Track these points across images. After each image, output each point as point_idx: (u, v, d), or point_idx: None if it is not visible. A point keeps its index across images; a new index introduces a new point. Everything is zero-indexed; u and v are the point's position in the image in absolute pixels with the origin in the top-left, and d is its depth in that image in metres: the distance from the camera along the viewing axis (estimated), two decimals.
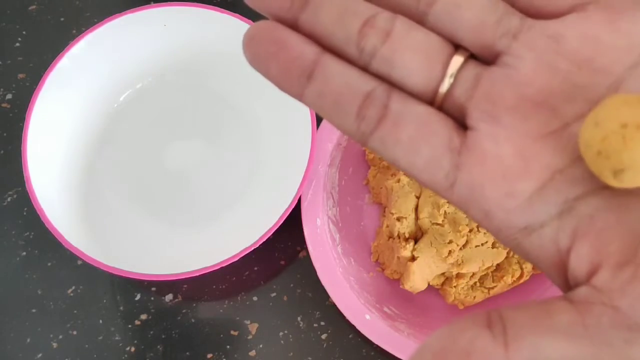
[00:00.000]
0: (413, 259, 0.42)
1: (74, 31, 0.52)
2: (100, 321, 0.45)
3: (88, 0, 0.53)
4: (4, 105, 0.50)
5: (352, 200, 0.47)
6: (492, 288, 0.43)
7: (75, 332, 0.45)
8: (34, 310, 0.45)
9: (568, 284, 0.17)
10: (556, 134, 0.17)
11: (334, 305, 0.42)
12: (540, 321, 0.16)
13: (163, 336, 0.45)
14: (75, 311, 0.45)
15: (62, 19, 0.52)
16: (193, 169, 0.48)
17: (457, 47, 0.18)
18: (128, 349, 0.44)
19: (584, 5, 0.17)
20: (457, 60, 0.18)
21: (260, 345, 0.44)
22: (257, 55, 0.18)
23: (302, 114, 0.44)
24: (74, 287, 0.46)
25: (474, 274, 0.43)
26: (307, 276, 0.45)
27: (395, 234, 0.43)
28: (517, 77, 0.17)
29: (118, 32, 0.45)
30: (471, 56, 0.18)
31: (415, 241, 0.43)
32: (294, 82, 0.18)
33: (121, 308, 0.45)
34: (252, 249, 0.41)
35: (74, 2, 0.53)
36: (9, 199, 0.48)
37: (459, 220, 0.41)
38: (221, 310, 0.45)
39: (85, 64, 0.46)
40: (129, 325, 0.45)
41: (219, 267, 0.40)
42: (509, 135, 0.17)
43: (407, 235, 0.43)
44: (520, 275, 0.42)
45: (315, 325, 0.45)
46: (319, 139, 0.44)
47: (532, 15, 0.18)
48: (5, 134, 0.50)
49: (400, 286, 0.43)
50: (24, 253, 0.47)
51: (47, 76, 0.44)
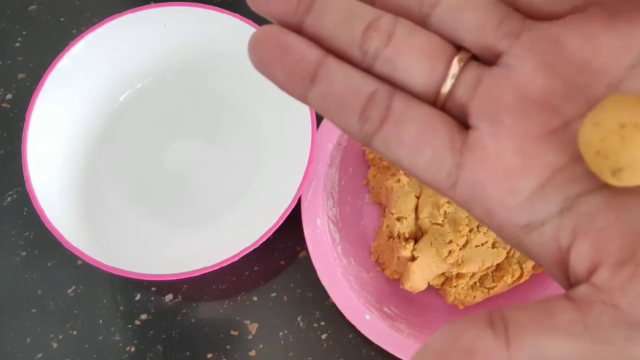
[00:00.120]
0: (413, 259, 0.42)
1: (74, 31, 0.52)
2: (100, 321, 0.45)
3: (88, 0, 0.53)
4: (4, 105, 0.50)
5: (352, 200, 0.47)
6: (492, 288, 0.43)
7: (75, 332, 0.45)
8: (34, 310, 0.45)
9: (569, 282, 0.17)
10: (557, 133, 0.17)
11: (334, 305, 0.42)
12: (541, 320, 0.16)
13: (163, 336, 0.45)
14: (75, 311, 0.45)
15: (62, 19, 0.52)
16: (193, 169, 0.48)
17: (459, 48, 0.18)
18: (128, 349, 0.44)
19: (584, 6, 0.18)
20: (459, 61, 0.18)
21: (260, 345, 0.44)
22: (262, 59, 0.18)
23: (302, 114, 0.44)
24: (74, 287, 0.46)
25: (474, 274, 0.43)
26: (307, 276, 0.45)
27: (395, 234, 0.43)
28: (518, 78, 0.17)
29: (118, 32, 0.45)
30: (473, 57, 0.18)
31: (415, 241, 0.43)
32: (297, 85, 0.18)
33: (121, 308, 0.45)
34: (252, 249, 0.41)
35: (74, 2, 0.53)
36: (9, 199, 0.48)
37: (459, 220, 0.41)
38: (221, 310, 0.45)
39: (85, 64, 0.46)
40: (129, 325, 0.45)
41: (219, 267, 0.40)
42: (510, 134, 0.17)
43: (407, 235, 0.43)
44: (520, 275, 0.42)
45: (315, 325, 0.45)
46: (319, 139, 0.44)
47: (533, 17, 0.18)
48: (5, 134, 0.50)
49: (400, 286, 0.43)
50: (24, 253, 0.47)
51: (47, 76, 0.44)
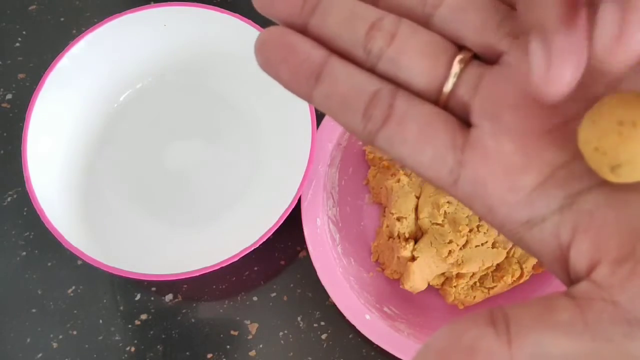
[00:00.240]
0: (413, 259, 0.42)
1: (74, 31, 0.52)
2: (100, 321, 0.45)
3: (88, 0, 0.53)
4: (4, 105, 0.50)
5: (352, 200, 0.47)
6: (492, 288, 0.43)
7: (75, 332, 0.45)
8: (34, 310, 0.45)
9: (570, 279, 0.17)
10: (557, 130, 0.17)
11: (334, 305, 0.42)
12: (542, 318, 0.16)
13: (163, 336, 0.45)
14: (75, 311, 0.45)
15: (62, 19, 0.52)
16: (193, 169, 0.48)
17: (461, 48, 0.19)
18: (128, 349, 0.44)
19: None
20: (460, 60, 0.18)
21: (260, 345, 0.44)
22: (268, 59, 0.19)
23: (302, 114, 0.44)
24: (74, 287, 0.46)
25: (474, 274, 0.43)
26: (307, 276, 0.45)
27: (395, 234, 0.43)
28: (518, 77, 0.18)
29: (118, 32, 0.45)
30: (474, 56, 0.19)
31: (415, 241, 0.43)
32: (302, 84, 0.19)
33: (121, 308, 0.45)
34: (252, 249, 0.41)
35: (74, 2, 0.53)
36: (9, 199, 0.48)
37: (459, 220, 0.41)
38: (221, 310, 0.45)
39: (85, 64, 0.46)
40: (129, 325, 0.45)
41: (219, 267, 0.40)
42: (511, 132, 0.17)
43: (407, 235, 0.43)
44: (520, 275, 0.42)
45: (315, 325, 0.45)
46: (319, 139, 0.44)
47: None
48: (5, 134, 0.50)
49: (400, 286, 0.43)
50: (24, 253, 0.47)
51: (47, 76, 0.44)
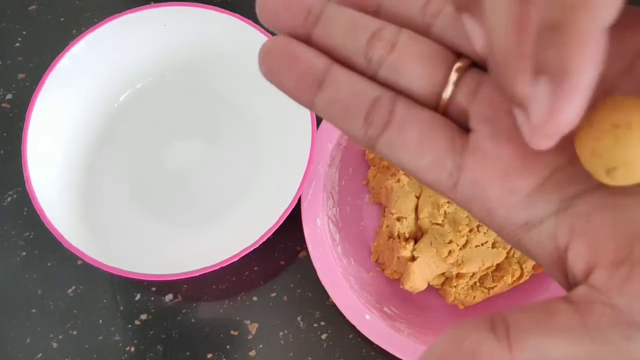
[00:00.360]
0: (413, 259, 0.42)
1: (74, 31, 0.52)
2: (100, 321, 0.45)
3: (88, 0, 0.53)
4: (4, 105, 0.50)
5: (352, 200, 0.47)
6: (492, 288, 0.43)
7: (75, 332, 0.45)
8: (34, 310, 0.45)
9: (568, 282, 0.17)
10: None
11: (334, 305, 0.42)
12: (542, 322, 0.16)
13: (163, 336, 0.45)
14: (75, 311, 0.45)
15: (62, 19, 0.52)
16: (193, 169, 0.48)
17: (459, 56, 0.19)
18: (128, 349, 0.44)
19: None
20: (459, 67, 0.19)
21: (260, 345, 0.44)
22: (272, 68, 0.19)
23: (302, 114, 0.44)
24: (74, 287, 0.46)
25: (474, 274, 0.43)
26: (307, 276, 0.45)
27: (395, 234, 0.43)
28: None
29: (118, 32, 0.45)
30: (472, 64, 0.19)
31: (415, 241, 0.43)
32: (305, 92, 0.19)
33: (121, 308, 0.45)
34: (252, 249, 0.41)
35: (74, 2, 0.53)
36: (9, 199, 0.48)
37: (459, 220, 0.41)
38: (221, 310, 0.45)
39: (85, 64, 0.46)
40: (129, 325, 0.45)
41: (219, 267, 0.40)
42: (509, 136, 0.18)
43: (407, 235, 0.43)
44: (520, 275, 0.42)
45: (315, 325, 0.45)
46: (319, 139, 0.44)
47: None
48: (5, 134, 0.50)
49: (400, 286, 0.43)
50: (24, 253, 0.47)
51: (47, 76, 0.44)
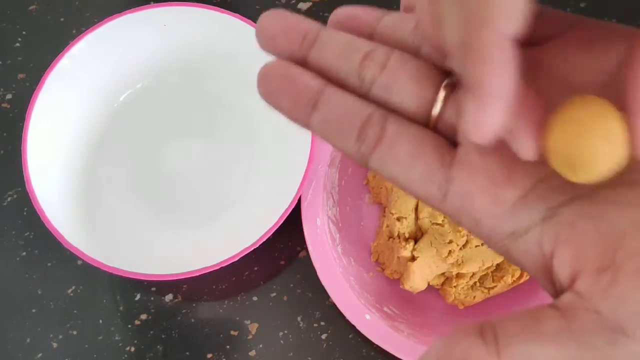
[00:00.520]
0: (413, 259, 0.42)
1: (74, 31, 0.52)
2: (100, 321, 0.45)
3: (88, 0, 0.53)
4: (4, 105, 0.50)
5: (352, 200, 0.47)
6: (492, 288, 0.43)
7: (75, 332, 0.45)
8: (34, 310, 0.45)
9: (555, 290, 0.18)
10: None
11: (334, 305, 0.42)
12: (529, 329, 0.17)
13: (163, 336, 0.45)
14: (75, 311, 0.45)
15: (62, 19, 0.52)
16: (193, 169, 0.48)
17: (448, 74, 0.20)
18: (128, 349, 0.44)
19: (563, 33, 0.19)
20: (447, 85, 0.19)
21: (260, 345, 0.44)
22: (269, 90, 0.20)
23: None
24: (74, 287, 0.46)
25: (474, 274, 0.43)
26: (307, 276, 0.45)
27: (395, 234, 0.43)
28: None
29: (118, 32, 0.45)
30: (460, 81, 0.19)
31: (415, 241, 0.43)
32: (301, 112, 0.20)
33: (121, 308, 0.45)
34: (252, 249, 0.41)
35: (74, 2, 0.53)
36: (9, 199, 0.48)
37: None
38: (221, 310, 0.45)
39: (85, 64, 0.46)
40: (129, 325, 0.45)
41: (219, 267, 0.40)
42: (494, 148, 0.18)
43: (407, 235, 0.43)
44: (520, 276, 0.42)
45: (315, 325, 0.45)
46: (319, 139, 0.44)
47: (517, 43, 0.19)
48: (5, 134, 0.50)
49: (400, 286, 0.43)
50: (24, 253, 0.47)
51: (47, 76, 0.44)
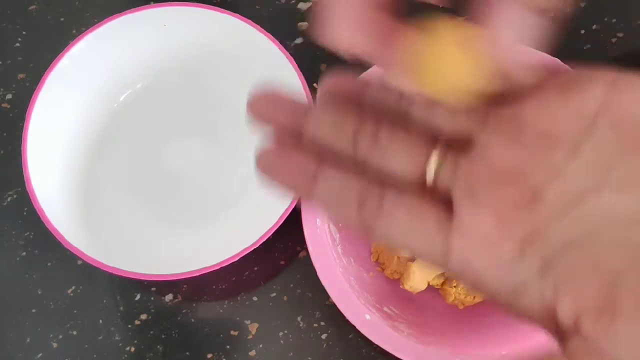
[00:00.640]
0: (413, 259, 0.42)
1: (74, 31, 0.52)
2: (100, 321, 0.45)
3: (88, 0, 0.53)
4: (4, 105, 0.50)
5: None
6: None
7: (75, 332, 0.45)
8: (34, 310, 0.45)
9: (562, 336, 0.18)
10: (529, 201, 0.19)
11: (334, 305, 0.42)
12: None
13: (163, 336, 0.45)
14: (75, 311, 0.45)
15: (62, 19, 0.52)
16: (193, 168, 0.48)
17: (437, 139, 0.20)
18: (128, 349, 0.44)
19: (542, 84, 0.20)
20: (438, 151, 0.20)
21: (260, 345, 0.44)
22: (269, 170, 0.22)
23: None
24: (74, 287, 0.46)
25: None
26: (307, 276, 0.45)
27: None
28: (489, 158, 0.19)
29: (118, 32, 0.45)
30: (449, 144, 0.20)
31: None
32: (302, 189, 0.21)
33: (121, 308, 0.45)
34: (252, 249, 0.41)
35: (74, 2, 0.53)
36: (9, 199, 0.48)
37: None
38: (221, 310, 0.45)
39: (85, 64, 0.46)
40: (129, 325, 0.45)
41: (219, 267, 0.40)
42: (488, 207, 0.19)
43: None
44: None
45: (315, 325, 0.45)
46: None
47: (497, 101, 0.20)
48: (5, 134, 0.50)
49: (400, 286, 0.43)
50: (24, 253, 0.47)
51: (47, 76, 0.44)
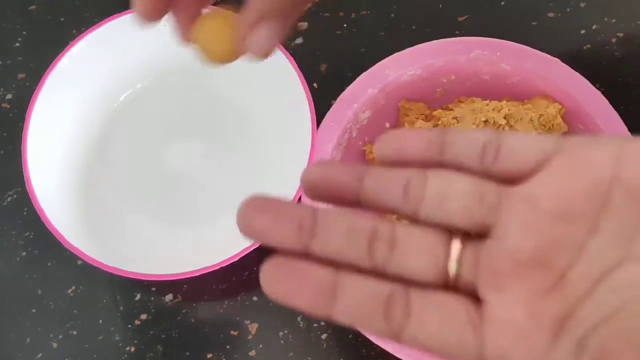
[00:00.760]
0: None
1: (74, 31, 0.52)
2: (100, 321, 0.45)
3: (88, 0, 0.53)
4: (4, 105, 0.50)
5: None
6: None
7: (75, 332, 0.45)
8: (34, 310, 0.45)
9: None
10: (555, 285, 0.19)
11: None
12: None
13: (163, 336, 0.45)
14: (75, 311, 0.45)
15: (62, 19, 0.52)
16: (193, 168, 0.48)
17: (453, 232, 0.20)
18: (128, 349, 0.44)
19: (548, 160, 0.19)
20: (455, 247, 0.20)
21: (260, 345, 0.44)
22: (280, 292, 0.19)
23: (302, 114, 0.44)
24: (74, 287, 0.46)
25: None
26: None
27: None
28: (509, 246, 0.19)
29: (118, 32, 0.45)
30: (466, 235, 0.20)
31: None
32: (320, 306, 0.19)
33: (121, 308, 0.45)
34: (252, 249, 0.41)
35: (74, 2, 0.53)
36: (9, 199, 0.48)
37: None
38: (221, 310, 0.45)
39: (85, 64, 0.46)
40: (129, 325, 0.45)
41: (219, 267, 0.40)
42: (517, 299, 0.19)
43: None
44: None
45: (315, 325, 0.45)
46: (319, 139, 0.44)
47: (507, 180, 0.20)
48: (5, 134, 0.50)
49: None
50: (24, 253, 0.47)
51: (47, 76, 0.44)
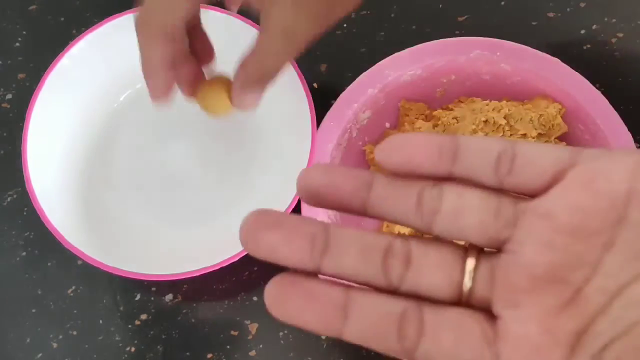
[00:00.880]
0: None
1: (74, 31, 0.52)
2: (100, 321, 0.45)
3: (88, 0, 0.53)
4: (4, 105, 0.50)
5: None
6: None
7: (75, 332, 0.45)
8: (34, 310, 0.45)
9: None
10: (571, 300, 0.19)
11: None
12: None
13: (163, 336, 0.45)
14: (75, 311, 0.45)
15: (62, 19, 0.52)
16: (193, 168, 0.48)
17: (467, 248, 0.20)
18: (128, 349, 0.44)
19: (563, 173, 0.19)
20: (470, 263, 0.20)
21: (260, 345, 0.44)
22: (287, 311, 0.19)
23: (302, 113, 0.44)
24: (74, 287, 0.46)
25: None
26: None
27: (396, 234, 0.43)
28: (525, 261, 0.19)
29: (118, 32, 0.45)
30: (481, 250, 0.20)
31: None
32: (331, 325, 0.19)
33: (121, 308, 0.45)
34: None
35: (74, 2, 0.53)
36: (9, 199, 0.48)
37: None
38: (221, 310, 0.45)
39: (85, 64, 0.46)
40: (129, 325, 0.45)
41: (219, 267, 0.40)
42: (532, 315, 0.19)
43: (407, 235, 0.43)
44: None
45: None
46: (319, 139, 0.44)
47: (522, 192, 0.20)
48: (5, 134, 0.50)
49: None
50: (24, 253, 0.47)
51: (47, 76, 0.44)
